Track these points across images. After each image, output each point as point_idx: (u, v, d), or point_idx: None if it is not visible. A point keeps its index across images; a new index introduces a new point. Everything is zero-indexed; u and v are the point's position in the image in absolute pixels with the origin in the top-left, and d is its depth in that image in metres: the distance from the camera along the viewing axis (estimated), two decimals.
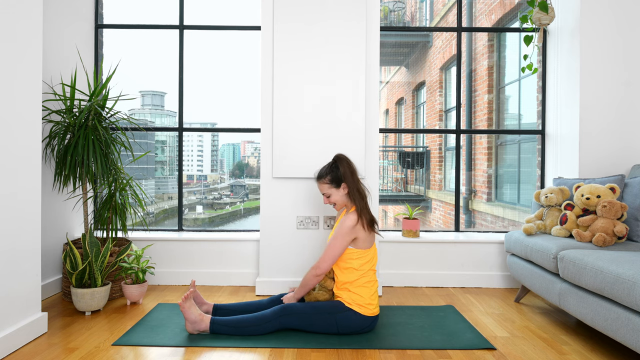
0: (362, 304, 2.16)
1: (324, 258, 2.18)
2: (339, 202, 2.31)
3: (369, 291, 2.18)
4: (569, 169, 3.09)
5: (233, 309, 2.33)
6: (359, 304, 2.16)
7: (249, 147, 17.90)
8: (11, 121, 2.01)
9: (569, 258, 2.15)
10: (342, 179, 2.27)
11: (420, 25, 8.45)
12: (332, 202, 2.32)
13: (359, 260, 2.18)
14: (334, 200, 2.31)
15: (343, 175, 2.27)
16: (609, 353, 2.03)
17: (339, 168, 2.29)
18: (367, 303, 2.16)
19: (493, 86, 5.33)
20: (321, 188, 2.33)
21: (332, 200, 2.32)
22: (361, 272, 2.18)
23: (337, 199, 2.30)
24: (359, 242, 2.18)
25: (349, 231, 2.15)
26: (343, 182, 2.27)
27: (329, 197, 2.31)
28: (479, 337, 2.18)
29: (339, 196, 2.29)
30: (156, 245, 3.14)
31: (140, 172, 10.76)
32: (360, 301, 2.16)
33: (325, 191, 2.31)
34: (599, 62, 2.99)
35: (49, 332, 2.21)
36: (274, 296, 2.40)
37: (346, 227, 2.16)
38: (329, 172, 2.30)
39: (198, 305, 2.33)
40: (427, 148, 7.51)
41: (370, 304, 2.17)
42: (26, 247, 2.11)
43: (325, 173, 2.31)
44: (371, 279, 2.21)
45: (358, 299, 2.16)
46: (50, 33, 2.84)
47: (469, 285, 3.12)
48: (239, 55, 18.23)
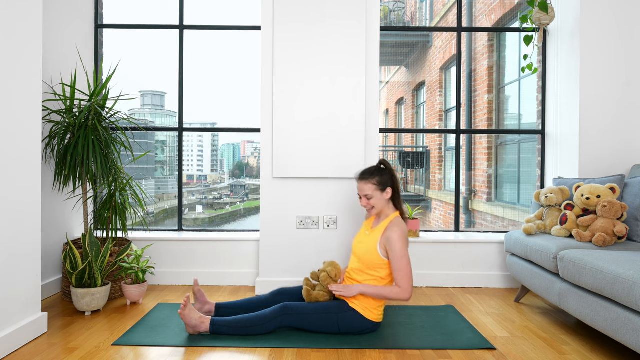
0: (369, 307, 2.14)
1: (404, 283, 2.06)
2: (378, 205, 2.22)
3: (372, 306, 2.16)
4: (569, 169, 3.09)
5: (235, 306, 2.32)
6: (366, 307, 2.14)
7: (249, 147, 17.91)
8: (11, 121, 2.01)
9: (569, 258, 2.15)
10: (390, 184, 2.23)
11: (420, 25, 8.45)
12: (372, 205, 2.22)
13: (384, 270, 2.16)
14: (374, 203, 2.21)
15: (392, 179, 2.24)
16: (609, 353, 2.03)
17: (386, 171, 2.25)
18: (373, 307, 2.15)
19: (493, 86, 5.33)
20: (364, 189, 2.22)
21: (372, 203, 2.22)
22: (386, 282, 2.17)
23: (377, 203, 2.22)
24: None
25: (403, 240, 2.10)
26: (390, 186, 2.23)
27: (370, 199, 2.21)
28: (479, 337, 2.18)
29: (381, 200, 2.22)
30: (156, 245, 3.14)
31: (140, 172, 10.76)
32: (368, 304, 2.14)
33: (368, 192, 2.21)
34: (598, 62, 2.99)
35: (49, 332, 2.21)
36: (275, 290, 2.37)
37: (400, 239, 2.09)
38: (377, 174, 2.23)
39: (201, 304, 2.33)
40: (427, 148, 7.52)
41: (376, 310, 2.16)
42: (26, 247, 2.11)
43: (373, 173, 2.24)
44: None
45: (366, 302, 2.14)
46: (50, 33, 2.84)
47: (469, 285, 3.12)
48: (239, 55, 18.24)
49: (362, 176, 2.26)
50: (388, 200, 2.25)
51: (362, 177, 2.25)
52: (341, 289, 2.15)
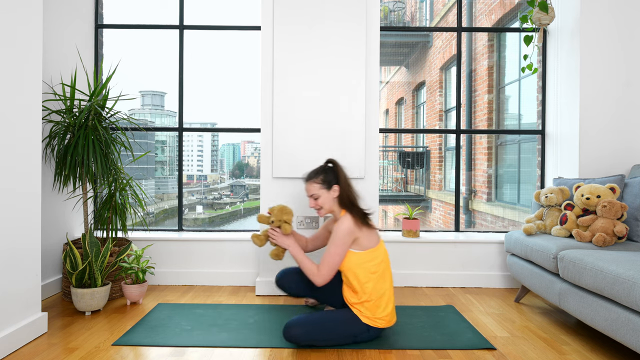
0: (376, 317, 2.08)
1: (324, 267, 2.07)
2: (325, 205, 2.19)
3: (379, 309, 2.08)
4: (569, 169, 3.09)
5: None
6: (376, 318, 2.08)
7: (249, 147, 17.90)
8: (11, 121, 2.01)
9: (569, 258, 2.15)
10: (335, 181, 2.20)
11: (420, 25, 8.45)
12: (319, 205, 2.20)
13: (372, 262, 2.08)
14: (321, 202, 2.19)
15: (337, 177, 2.21)
16: (609, 353, 2.03)
17: (332, 170, 2.23)
18: (378, 317, 2.08)
19: (493, 86, 5.33)
20: (310, 189, 2.21)
21: (320, 203, 2.20)
22: (378, 273, 2.08)
23: (325, 202, 2.19)
24: (362, 242, 2.09)
25: (345, 234, 2.06)
26: (335, 184, 2.20)
27: (317, 199, 2.20)
28: (479, 337, 2.18)
29: (328, 199, 2.19)
30: (156, 245, 3.14)
31: (140, 172, 10.76)
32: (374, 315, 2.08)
33: (314, 192, 2.20)
34: (598, 62, 2.99)
35: (49, 332, 2.21)
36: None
37: (342, 231, 2.06)
38: (322, 173, 2.22)
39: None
40: (427, 148, 7.52)
41: (384, 319, 2.09)
42: (26, 247, 2.11)
43: (318, 173, 2.23)
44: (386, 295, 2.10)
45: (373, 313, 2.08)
46: (50, 33, 2.84)
47: (469, 285, 3.12)
48: (239, 55, 18.22)
49: (307, 177, 2.26)
50: (335, 198, 2.20)
51: (308, 178, 2.25)
52: (276, 237, 2.26)
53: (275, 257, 2.29)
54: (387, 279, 2.12)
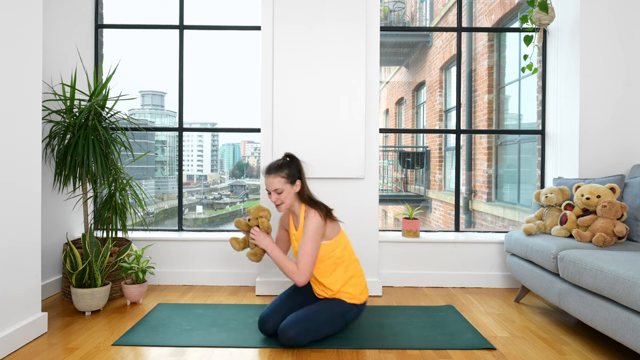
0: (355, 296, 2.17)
1: (304, 266, 2.08)
2: (287, 200, 2.18)
3: (358, 287, 2.19)
4: (569, 169, 3.09)
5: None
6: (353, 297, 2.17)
7: (249, 147, 17.91)
8: (11, 121, 2.01)
9: (569, 258, 2.15)
10: (298, 176, 2.20)
11: (420, 25, 8.45)
12: (282, 200, 2.17)
13: (336, 250, 2.15)
14: (284, 197, 2.16)
15: (299, 171, 2.22)
16: (609, 353, 2.03)
17: (294, 164, 2.23)
18: (358, 294, 2.18)
19: (493, 86, 5.33)
20: (273, 183, 2.16)
21: (282, 198, 2.16)
22: (343, 260, 2.17)
23: (287, 197, 2.17)
24: (328, 233, 2.15)
25: (317, 229, 2.09)
26: (298, 178, 2.20)
27: (281, 193, 2.16)
28: (479, 337, 2.18)
29: (290, 194, 2.18)
30: (156, 245, 3.14)
31: (140, 172, 10.77)
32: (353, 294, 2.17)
33: (278, 186, 2.15)
34: (598, 62, 2.99)
35: (49, 332, 2.21)
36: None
37: (313, 226, 2.09)
38: (285, 167, 2.19)
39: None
40: (427, 148, 7.52)
41: (361, 295, 2.19)
42: (26, 247, 2.11)
43: (281, 166, 2.19)
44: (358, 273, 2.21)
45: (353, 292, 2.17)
46: (50, 33, 2.84)
47: (469, 285, 3.12)
48: (239, 55, 18.25)
49: (270, 170, 2.20)
50: (296, 194, 2.21)
51: (271, 171, 2.19)
52: (256, 236, 2.19)
53: (252, 256, 2.23)
54: (353, 262, 2.22)
